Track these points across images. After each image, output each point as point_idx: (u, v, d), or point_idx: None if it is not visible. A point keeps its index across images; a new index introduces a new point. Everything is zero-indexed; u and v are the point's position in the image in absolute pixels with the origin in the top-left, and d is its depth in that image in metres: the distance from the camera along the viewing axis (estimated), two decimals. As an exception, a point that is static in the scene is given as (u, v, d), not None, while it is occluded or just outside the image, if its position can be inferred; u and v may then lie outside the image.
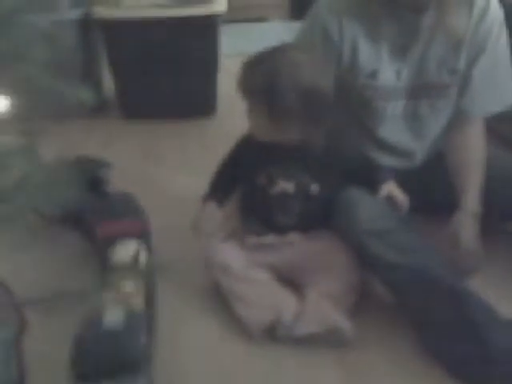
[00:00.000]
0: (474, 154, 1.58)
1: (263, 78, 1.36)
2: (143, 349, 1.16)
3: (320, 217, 1.46)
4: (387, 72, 1.52)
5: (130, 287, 1.29)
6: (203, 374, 1.26)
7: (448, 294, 1.25)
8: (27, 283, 1.42)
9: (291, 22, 3.80)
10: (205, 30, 2.49)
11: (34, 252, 1.65)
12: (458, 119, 1.60)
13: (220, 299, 1.43)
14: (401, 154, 1.65)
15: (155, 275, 1.45)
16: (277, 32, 3.44)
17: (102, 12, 2.44)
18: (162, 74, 2.57)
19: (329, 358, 1.29)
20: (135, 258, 1.41)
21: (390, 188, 1.44)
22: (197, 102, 2.65)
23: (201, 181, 1.58)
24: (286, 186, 1.44)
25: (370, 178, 1.46)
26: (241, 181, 1.54)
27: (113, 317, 1.18)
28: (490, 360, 1.17)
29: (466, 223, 1.49)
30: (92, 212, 1.65)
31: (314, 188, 1.45)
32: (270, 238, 1.48)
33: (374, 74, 1.52)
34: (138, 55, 2.52)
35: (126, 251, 1.42)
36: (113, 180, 2.02)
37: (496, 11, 1.51)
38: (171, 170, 2.18)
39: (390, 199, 1.43)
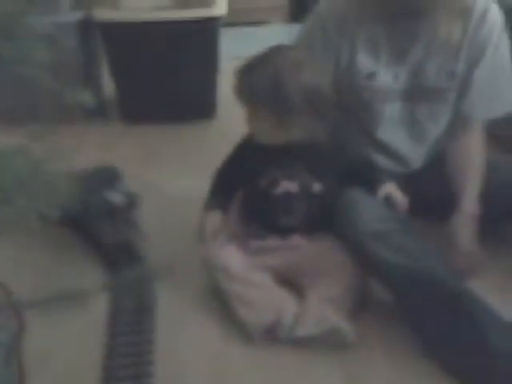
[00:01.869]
0: (473, 157, 1.59)
1: (264, 80, 1.36)
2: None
3: (323, 217, 1.46)
4: (385, 75, 1.52)
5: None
6: (203, 375, 1.26)
7: (449, 295, 1.25)
8: (27, 284, 1.42)
9: (291, 25, 3.80)
10: (205, 32, 2.48)
11: (33, 253, 1.66)
12: (458, 123, 1.60)
13: (220, 301, 1.42)
14: (398, 158, 1.66)
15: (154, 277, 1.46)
16: (277, 35, 3.44)
17: (102, 14, 2.44)
18: (162, 76, 2.56)
19: (329, 359, 1.29)
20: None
21: (390, 189, 1.44)
22: (197, 105, 2.64)
23: (202, 183, 1.58)
24: (289, 185, 1.44)
25: (370, 179, 1.46)
26: (242, 184, 1.54)
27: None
28: (491, 361, 1.17)
29: (464, 225, 1.50)
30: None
31: (317, 187, 1.45)
32: (273, 242, 1.49)
33: (371, 77, 1.52)
34: (138, 58, 2.51)
35: None
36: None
37: (495, 15, 1.51)
38: (171, 173, 2.17)
39: (389, 200, 1.43)
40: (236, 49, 3.05)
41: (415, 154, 1.66)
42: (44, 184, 1.06)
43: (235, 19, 3.22)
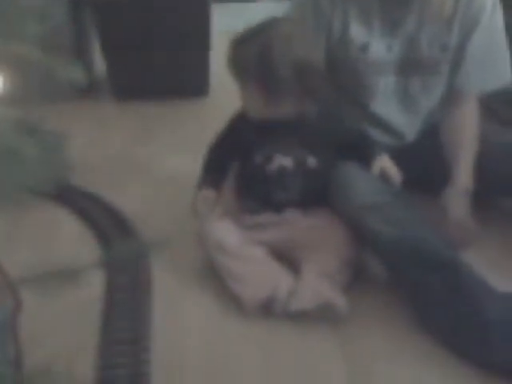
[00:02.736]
0: (467, 130, 1.59)
1: (254, 53, 1.35)
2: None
3: (319, 191, 1.46)
4: (378, 46, 1.52)
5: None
6: (200, 351, 1.26)
7: (444, 267, 1.25)
8: (20, 261, 1.42)
9: (283, 1, 3.78)
10: (197, 8, 2.47)
11: (26, 229, 1.65)
12: (452, 96, 1.60)
13: (215, 277, 1.42)
14: (392, 131, 1.65)
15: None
16: (268, 10, 3.41)
17: (93, -10, 2.41)
18: (154, 53, 2.55)
19: (325, 330, 1.29)
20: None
21: (383, 162, 1.44)
22: (189, 82, 2.63)
23: (196, 161, 1.57)
24: (283, 161, 1.44)
25: (364, 153, 1.46)
26: (236, 160, 1.53)
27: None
28: (488, 333, 1.17)
29: (456, 198, 1.50)
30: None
31: (311, 161, 1.45)
32: (267, 217, 1.48)
33: (364, 48, 1.52)
34: (130, 35, 2.49)
35: None
36: (106, 162, 2.03)
37: None
38: (165, 150, 2.17)
39: (383, 173, 1.43)
40: (227, 25, 3.02)
41: (409, 127, 1.66)
42: (35, 159, 1.06)
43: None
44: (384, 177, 1.43)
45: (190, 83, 2.63)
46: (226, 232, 1.44)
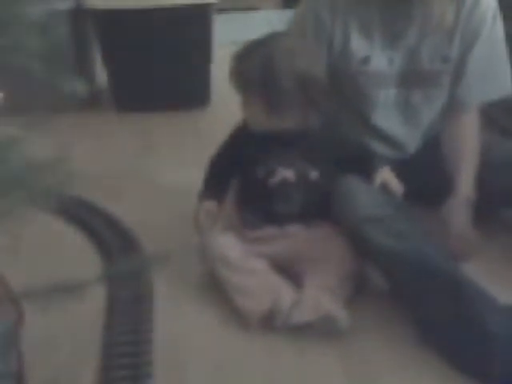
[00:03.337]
0: (468, 141, 1.59)
1: (257, 65, 1.36)
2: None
3: (320, 205, 1.46)
4: (379, 59, 1.52)
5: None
6: (202, 363, 1.26)
7: (446, 280, 1.25)
8: (23, 275, 1.42)
9: (283, 11, 3.79)
10: (198, 19, 2.48)
11: (28, 243, 1.65)
12: (453, 107, 1.60)
13: (217, 290, 1.42)
14: (394, 143, 1.66)
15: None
16: (269, 21, 3.42)
17: (95, 2, 2.43)
18: (156, 64, 2.56)
19: (326, 343, 1.29)
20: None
21: (385, 175, 1.44)
22: (191, 93, 2.64)
23: (196, 172, 1.57)
24: (285, 173, 1.44)
25: (365, 165, 1.46)
26: (238, 173, 1.53)
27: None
28: (490, 347, 1.17)
29: (458, 209, 1.50)
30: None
31: (314, 175, 1.45)
32: (269, 231, 1.49)
33: (366, 61, 1.52)
34: (131, 46, 2.50)
35: None
36: (107, 172, 2.03)
37: None
38: (166, 162, 2.17)
39: (384, 186, 1.43)
40: (228, 35, 3.04)
41: (410, 139, 1.66)
42: (39, 176, 1.06)
43: (227, 5, 3.21)
44: (385, 189, 1.43)
45: (191, 95, 2.64)
46: (228, 245, 1.44)
